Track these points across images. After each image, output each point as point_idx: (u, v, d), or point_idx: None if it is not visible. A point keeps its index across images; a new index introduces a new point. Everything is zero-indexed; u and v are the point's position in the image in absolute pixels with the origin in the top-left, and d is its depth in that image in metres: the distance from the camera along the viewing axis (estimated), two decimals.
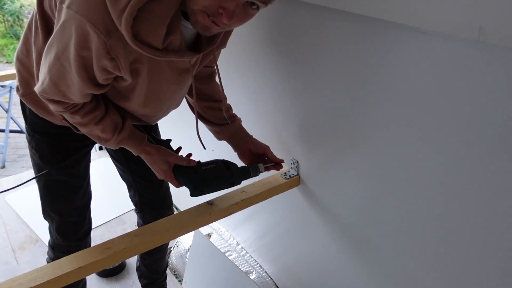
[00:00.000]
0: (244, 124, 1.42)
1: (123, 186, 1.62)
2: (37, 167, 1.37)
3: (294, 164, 1.46)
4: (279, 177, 1.46)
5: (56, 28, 0.96)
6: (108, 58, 0.95)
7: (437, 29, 0.83)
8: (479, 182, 0.92)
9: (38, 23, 1.09)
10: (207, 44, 1.09)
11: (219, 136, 1.41)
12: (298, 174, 1.47)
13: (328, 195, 1.38)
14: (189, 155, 1.31)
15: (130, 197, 1.65)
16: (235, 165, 1.30)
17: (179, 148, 1.34)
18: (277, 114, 1.46)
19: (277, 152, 1.48)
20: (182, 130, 1.73)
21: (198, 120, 1.32)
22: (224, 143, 1.42)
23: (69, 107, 1.10)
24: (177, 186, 1.28)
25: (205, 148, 1.35)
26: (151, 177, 1.56)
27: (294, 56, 1.29)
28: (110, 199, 2.44)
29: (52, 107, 1.11)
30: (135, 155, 1.24)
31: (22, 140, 3.78)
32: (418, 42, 0.93)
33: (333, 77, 1.19)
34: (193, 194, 1.23)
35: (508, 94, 0.81)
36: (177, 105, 1.31)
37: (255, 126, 1.51)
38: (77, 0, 0.90)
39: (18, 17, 6.24)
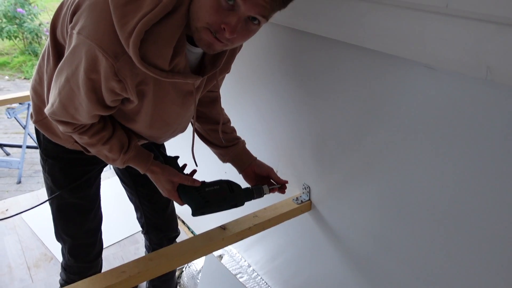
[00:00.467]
0: (256, 148, 1.44)
1: None
2: (50, 191, 1.41)
3: (306, 189, 1.48)
4: (291, 201, 1.48)
5: (66, 53, 1.01)
6: (116, 80, 0.98)
7: (445, 66, 0.86)
8: (488, 212, 0.93)
9: (50, 50, 1.14)
10: (210, 68, 1.13)
11: (224, 158, 1.43)
12: (309, 199, 1.49)
13: (339, 220, 1.40)
14: (193, 172, 1.33)
15: (137, 218, 1.68)
16: (239, 186, 1.30)
17: (185, 165, 1.35)
18: (290, 139, 1.49)
19: (289, 177, 1.50)
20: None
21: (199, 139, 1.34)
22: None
23: (77, 128, 1.13)
24: (181, 204, 1.29)
25: (196, 165, 1.37)
26: (157, 200, 1.59)
27: (308, 85, 1.32)
28: (123, 218, 2.47)
29: (61, 128, 1.15)
30: (142, 173, 1.27)
31: (38, 156, 3.85)
32: (428, 77, 0.95)
33: (345, 105, 1.21)
34: (195, 214, 1.25)
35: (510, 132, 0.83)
36: (183, 128, 1.33)
37: (267, 151, 1.54)
38: (87, 26, 0.95)
39: (37, 34, 6.40)
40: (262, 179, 1.40)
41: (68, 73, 1.01)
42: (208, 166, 1.45)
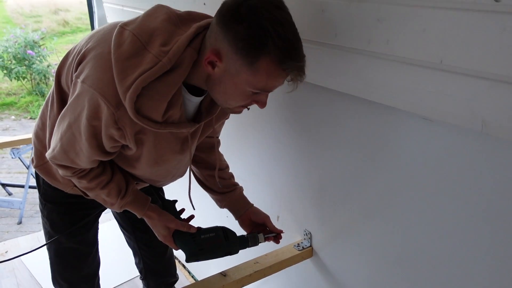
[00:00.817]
0: (257, 194, 1.45)
1: None
2: (48, 235, 1.41)
3: (307, 235, 1.48)
4: (292, 248, 1.48)
5: (70, 100, 1.04)
6: (116, 127, 1.01)
7: (442, 119, 0.88)
8: (484, 258, 0.93)
9: (55, 97, 1.18)
10: (206, 115, 1.15)
11: (220, 204, 1.44)
12: (311, 246, 1.48)
13: (341, 267, 1.39)
14: (191, 217, 1.33)
15: (136, 264, 1.68)
16: (234, 234, 1.30)
17: (182, 210, 1.36)
18: (290, 185, 1.50)
19: (290, 223, 1.50)
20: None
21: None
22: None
23: (76, 172, 1.15)
24: (176, 249, 1.30)
25: (194, 209, 1.38)
26: (156, 245, 1.59)
27: (309, 133, 1.35)
28: (121, 262, 2.44)
29: (61, 171, 1.17)
30: (138, 217, 1.28)
31: None
32: (426, 128, 0.98)
33: (345, 154, 1.23)
34: (188, 260, 1.25)
35: (506, 183, 0.85)
36: (182, 173, 1.35)
37: (268, 197, 1.54)
38: (91, 75, 0.99)
39: (44, 75, 6.54)
40: (258, 226, 1.40)
41: (71, 119, 1.05)
42: (206, 210, 1.46)
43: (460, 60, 0.80)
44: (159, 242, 1.31)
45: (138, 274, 1.74)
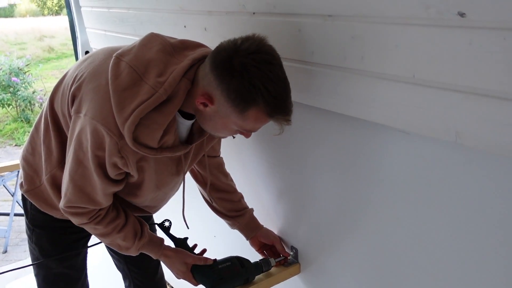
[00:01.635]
0: None
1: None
2: (36, 261, 1.39)
3: (293, 251, 1.48)
4: (279, 265, 1.47)
5: (73, 137, 1.07)
6: (119, 156, 1.04)
7: (418, 131, 0.91)
8: (465, 264, 0.94)
9: (49, 121, 1.19)
10: (198, 136, 1.18)
11: (232, 226, 1.49)
12: (298, 262, 1.48)
13: (329, 282, 1.39)
14: (204, 251, 1.37)
15: (126, 287, 1.65)
16: (248, 261, 1.35)
17: (195, 246, 1.39)
18: (276, 203, 1.51)
19: None
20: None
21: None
22: (225, 228, 1.46)
23: (92, 217, 1.16)
24: (196, 285, 1.32)
25: (188, 228, 1.39)
26: (146, 266, 1.58)
27: (291, 149, 1.37)
28: (111, 286, 2.40)
29: (76, 220, 1.18)
30: (154, 258, 1.30)
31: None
32: (402, 141, 1.00)
33: (326, 169, 1.25)
34: None
35: (480, 192, 0.88)
36: (176, 191, 1.37)
37: (254, 214, 1.54)
38: (92, 108, 1.02)
39: (30, 102, 6.51)
40: (267, 246, 1.47)
41: (79, 154, 1.07)
42: (198, 229, 1.46)
43: (432, 74, 0.83)
44: (149, 262, 1.32)
45: None
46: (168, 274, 1.46)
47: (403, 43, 0.87)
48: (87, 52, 2.58)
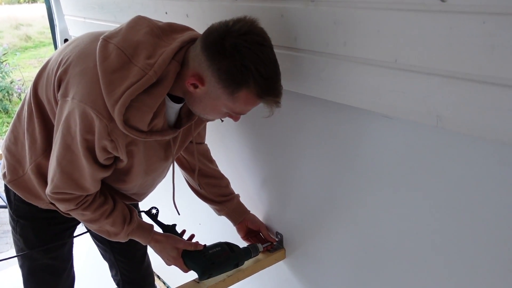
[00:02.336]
0: None
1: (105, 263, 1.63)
2: (21, 252, 1.37)
3: (279, 237, 1.49)
4: (265, 250, 1.49)
5: (60, 121, 1.05)
6: (109, 139, 1.03)
7: (400, 116, 0.92)
8: (449, 248, 0.97)
9: (33, 109, 1.17)
10: (186, 120, 1.18)
11: (219, 212, 1.48)
12: (283, 248, 1.49)
13: (313, 267, 1.41)
14: (192, 236, 1.37)
15: (112, 276, 1.65)
16: (237, 246, 1.36)
17: (183, 231, 1.38)
18: (260, 189, 1.51)
19: None
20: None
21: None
22: (211, 216, 1.45)
23: (80, 203, 1.14)
24: (186, 271, 1.31)
25: (179, 214, 1.39)
26: (133, 254, 1.58)
27: (275, 135, 1.37)
28: (97, 276, 2.39)
29: (62, 206, 1.16)
30: (144, 244, 1.29)
31: (6, 216, 3.74)
32: (385, 125, 1.01)
33: (310, 154, 1.26)
34: (202, 278, 1.27)
35: (461, 174, 0.90)
36: (163, 177, 1.37)
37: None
38: (80, 91, 1.00)
39: (8, 92, 6.37)
40: (252, 233, 1.48)
41: (67, 139, 1.05)
42: (182, 217, 1.46)
43: (413, 59, 0.84)
44: (136, 251, 1.31)
45: (115, 287, 1.72)
46: (155, 262, 1.46)
47: (385, 28, 0.87)
48: (66, 40, 2.53)
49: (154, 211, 1.39)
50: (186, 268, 1.30)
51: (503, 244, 0.87)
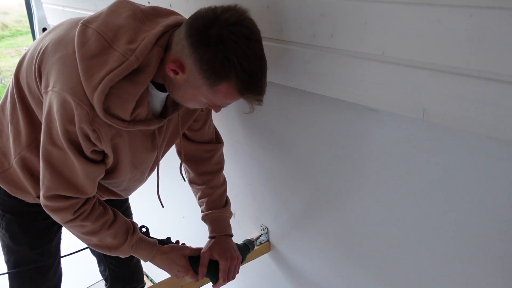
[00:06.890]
0: None
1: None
2: (6, 248, 1.34)
3: (263, 230, 1.49)
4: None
5: (43, 118, 1.00)
6: (91, 129, 0.97)
7: (386, 108, 0.92)
8: (436, 239, 0.98)
9: (16, 100, 1.12)
10: (172, 110, 1.13)
11: (203, 217, 1.39)
12: (268, 240, 1.49)
13: (298, 259, 1.41)
14: (178, 242, 1.32)
15: (101, 272, 1.62)
16: (237, 244, 1.36)
17: (177, 242, 1.33)
18: (244, 182, 1.51)
19: (246, 219, 1.51)
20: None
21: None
22: (195, 209, 1.44)
23: (77, 211, 1.09)
24: (197, 280, 1.28)
25: (163, 206, 1.36)
26: None
27: (259, 128, 1.36)
28: (83, 272, 2.35)
29: (59, 216, 1.10)
30: (145, 261, 1.23)
31: None
32: (371, 118, 1.01)
33: (295, 147, 1.26)
34: (215, 281, 1.29)
35: (447, 166, 0.91)
36: (153, 171, 1.31)
37: None
38: (59, 79, 0.96)
39: None
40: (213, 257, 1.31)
41: (52, 133, 1.00)
42: (166, 210, 1.44)
43: (400, 52, 0.84)
44: None
45: (96, 281, 1.69)
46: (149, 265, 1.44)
47: (372, 20, 0.86)
48: (44, 29, 2.47)
49: (143, 229, 1.30)
50: (197, 277, 1.26)
51: (491, 234, 0.88)
